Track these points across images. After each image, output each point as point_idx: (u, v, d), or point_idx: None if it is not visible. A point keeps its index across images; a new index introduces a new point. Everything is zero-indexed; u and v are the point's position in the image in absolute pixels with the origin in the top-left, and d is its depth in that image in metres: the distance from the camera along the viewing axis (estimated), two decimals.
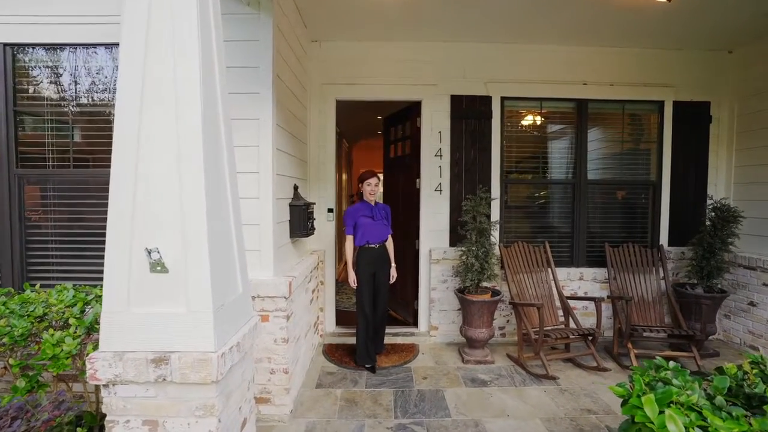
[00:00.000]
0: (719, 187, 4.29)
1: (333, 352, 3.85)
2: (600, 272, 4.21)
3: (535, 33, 3.88)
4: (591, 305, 4.17)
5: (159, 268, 1.36)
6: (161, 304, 1.38)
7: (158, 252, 1.35)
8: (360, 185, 3.53)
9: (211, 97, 1.50)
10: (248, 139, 2.63)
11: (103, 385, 1.37)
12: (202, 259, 1.38)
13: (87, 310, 1.92)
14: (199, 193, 1.38)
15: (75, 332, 1.74)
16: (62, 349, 1.70)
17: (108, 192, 1.40)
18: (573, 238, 4.28)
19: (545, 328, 3.40)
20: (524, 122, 4.35)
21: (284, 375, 2.65)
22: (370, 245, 3.47)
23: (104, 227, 1.38)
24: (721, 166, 4.30)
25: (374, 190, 3.48)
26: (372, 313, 3.54)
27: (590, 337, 3.49)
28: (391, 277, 3.62)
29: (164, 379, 1.35)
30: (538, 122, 4.29)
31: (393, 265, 3.65)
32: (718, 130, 4.27)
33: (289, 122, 3.13)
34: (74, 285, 2.19)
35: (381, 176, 3.62)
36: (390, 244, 3.66)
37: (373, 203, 3.52)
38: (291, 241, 3.21)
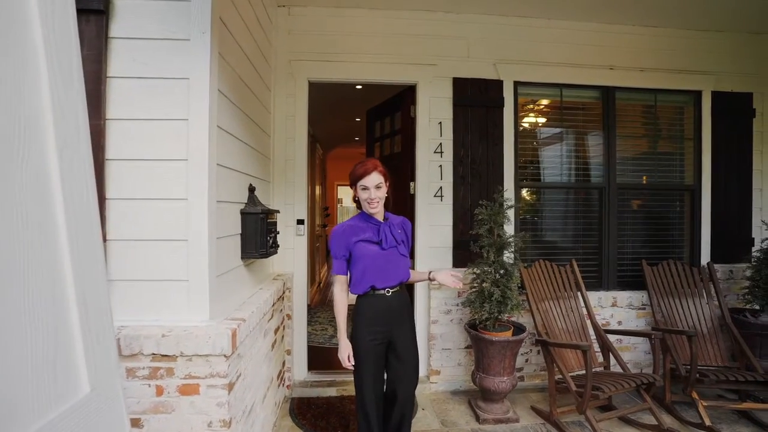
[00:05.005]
0: (765, 193, 3.64)
1: (304, 411, 2.86)
2: (636, 296, 3.43)
3: (554, 5, 3.16)
4: (625, 338, 3.38)
5: None
6: None
7: None
8: (354, 189, 2.03)
9: None
10: (169, 109, 1.69)
11: None
12: None
13: None
14: None
15: None
16: None
17: None
18: (601, 255, 3.50)
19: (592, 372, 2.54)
20: (542, 113, 3.59)
21: None
22: (378, 291, 1.96)
23: None
24: (766, 168, 3.65)
25: (375, 195, 1.93)
26: (378, 411, 1.94)
27: (644, 386, 2.66)
28: (452, 281, 2.07)
29: None
30: (558, 113, 3.53)
31: (440, 271, 2.13)
32: (762, 126, 3.63)
33: (239, 93, 2.20)
34: None
35: (384, 174, 2.00)
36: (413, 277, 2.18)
37: (381, 218, 2.04)
38: (243, 264, 2.26)
